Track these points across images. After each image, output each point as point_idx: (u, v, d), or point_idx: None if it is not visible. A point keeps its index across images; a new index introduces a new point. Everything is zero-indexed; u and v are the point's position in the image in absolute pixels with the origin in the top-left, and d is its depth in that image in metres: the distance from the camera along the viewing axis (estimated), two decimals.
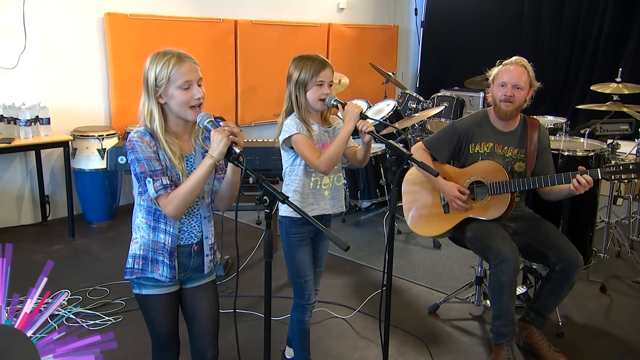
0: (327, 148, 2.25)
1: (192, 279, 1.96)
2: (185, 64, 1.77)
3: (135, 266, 1.85)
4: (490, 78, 2.83)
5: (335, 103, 2.26)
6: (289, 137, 2.24)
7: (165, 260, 1.84)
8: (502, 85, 2.74)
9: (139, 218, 1.87)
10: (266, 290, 1.72)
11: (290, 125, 2.24)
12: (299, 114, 2.26)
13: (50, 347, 1.61)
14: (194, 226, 1.90)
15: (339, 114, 2.26)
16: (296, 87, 2.25)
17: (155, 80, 1.77)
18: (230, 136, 1.71)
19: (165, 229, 1.84)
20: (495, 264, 2.60)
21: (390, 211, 2.15)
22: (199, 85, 1.81)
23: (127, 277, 1.89)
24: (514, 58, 2.79)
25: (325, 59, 2.28)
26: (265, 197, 1.65)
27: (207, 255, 1.93)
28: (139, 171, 1.75)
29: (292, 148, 2.28)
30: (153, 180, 1.75)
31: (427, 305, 3.29)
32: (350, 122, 2.17)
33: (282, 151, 2.35)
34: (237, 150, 1.71)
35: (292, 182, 2.33)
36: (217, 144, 1.71)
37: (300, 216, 1.76)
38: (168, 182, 1.77)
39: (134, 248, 1.87)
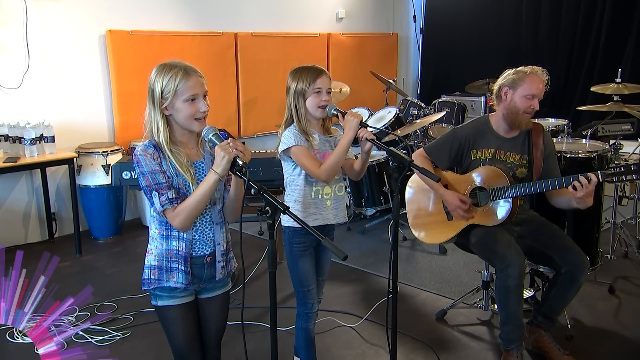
0: (327, 157, 2.26)
1: (207, 290, 1.97)
2: (192, 78, 1.79)
3: (152, 277, 1.88)
4: (503, 82, 2.74)
5: (335, 112, 2.28)
6: (288, 148, 2.26)
7: (180, 267, 1.86)
8: (530, 98, 2.65)
9: (153, 229, 1.90)
10: (271, 301, 1.72)
11: (289, 137, 2.26)
12: (299, 125, 2.28)
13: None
14: (207, 234, 1.90)
15: (341, 123, 2.27)
16: (295, 97, 2.27)
17: (162, 93, 1.78)
18: (234, 151, 1.73)
19: (179, 236, 1.86)
20: (501, 269, 2.59)
21: (394, 218, 2.16)
22: (205, 98, 1.83)
23: (144, 288, 1.91)
24: (537, 68, 2.70)
25: (322, 67, 2.30)
26: (267, 208, 1.66)
27: (219, 262, 1.94)
28: (145, 185, 1.79)
29: (291, 158, 2.29)
30: (159, 194, 1.77)
31: (435, 311, 3.28)
32: (350, 131, 2.19)
33: (282, 161, 2.38)
34: (240, 163, 1.73)
35: (292, 192, 2.34)
36: (220, 160, 1.73)
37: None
38: (174, 196, 1.79)
39: (150, 259, 1.90)
